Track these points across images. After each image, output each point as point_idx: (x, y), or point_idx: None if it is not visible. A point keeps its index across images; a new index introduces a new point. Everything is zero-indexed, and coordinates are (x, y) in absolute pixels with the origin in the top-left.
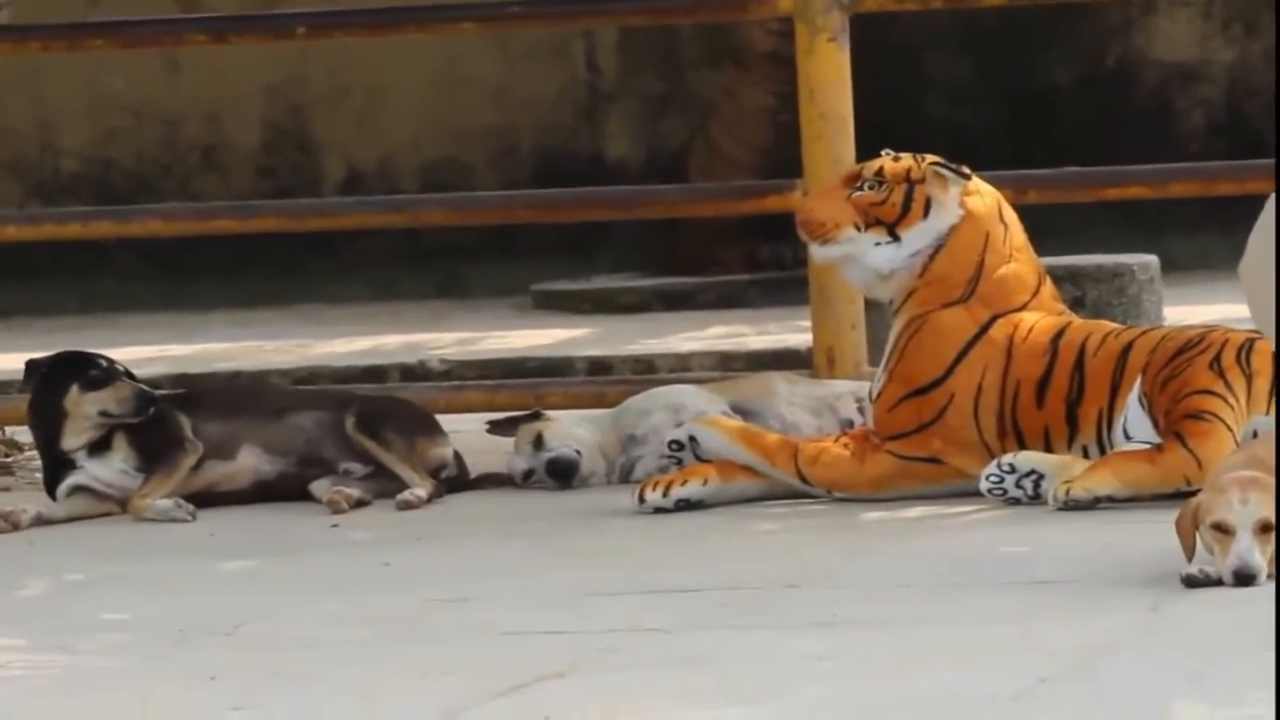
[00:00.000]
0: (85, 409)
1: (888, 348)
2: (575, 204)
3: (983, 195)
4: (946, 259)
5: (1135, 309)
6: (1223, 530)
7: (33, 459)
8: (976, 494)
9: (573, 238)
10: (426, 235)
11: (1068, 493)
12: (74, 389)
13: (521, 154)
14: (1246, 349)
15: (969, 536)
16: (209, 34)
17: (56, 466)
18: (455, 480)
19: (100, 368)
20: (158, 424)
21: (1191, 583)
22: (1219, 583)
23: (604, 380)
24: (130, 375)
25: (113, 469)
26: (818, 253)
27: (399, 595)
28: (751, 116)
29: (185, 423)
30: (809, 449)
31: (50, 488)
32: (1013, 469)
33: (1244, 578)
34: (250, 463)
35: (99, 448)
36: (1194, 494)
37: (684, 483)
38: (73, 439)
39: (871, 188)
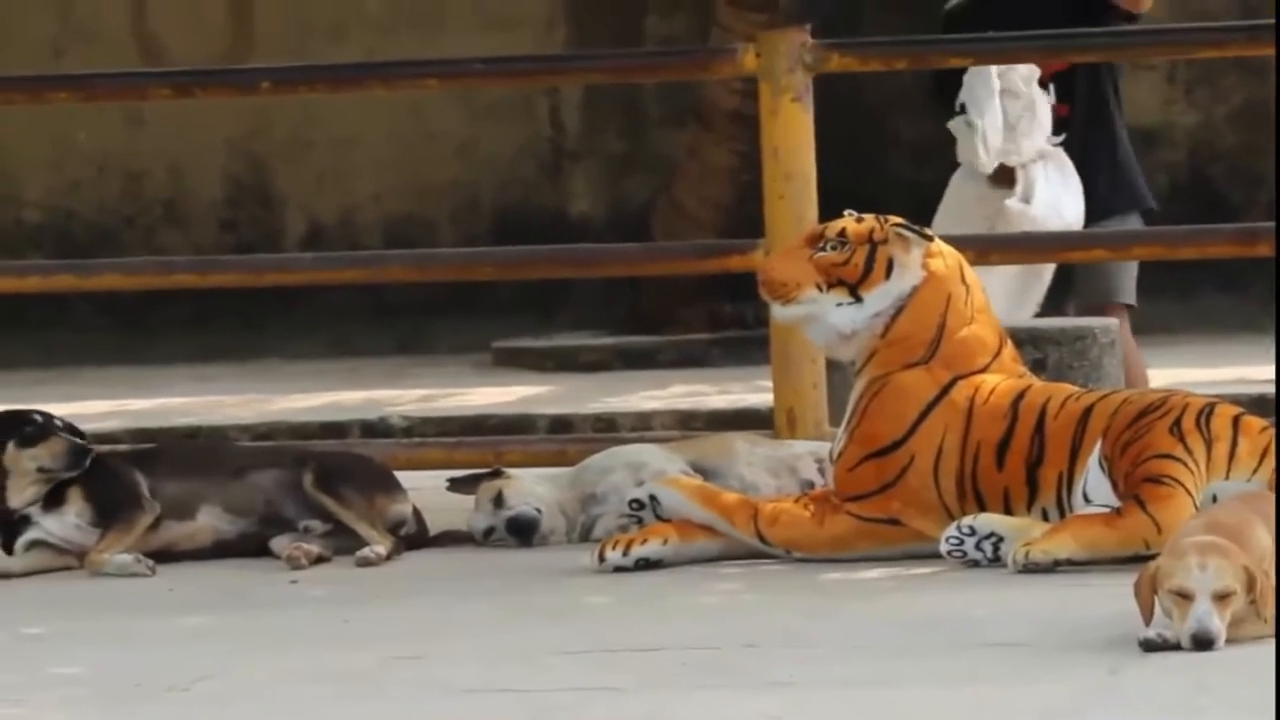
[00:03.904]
0: (24, 465)
1: (849, 408)
2: (538, 261)
3: (945, 257)
4: (908, 320)
5: (1096, 372)
6: (1181, 595)
7: None
8: (936, 556)
9: (534, 295)
10: (388, 291)
11: (1027, 555)
12: (10, 446)
13: (484, 210)
14: (1207, 413)
15: (928, 598)
16: (173, 88)
17: (8, 524)
18: (415, 537)
19: (35, 423)
20: (112, 479)
21: (1149, 647)
22: (1177, 647)
23: (564, 438)
24: (72, 429)
25: (67, 524)
26: (779, 313)
27: (358, 652)
28: (714, 175)
29: (142, 480)
30: (768, 509)
31: (5, 545)
32: (973, 531)
33: (1202, 642)
34: (210, 523)
35: (52, 503)
36: (1153, 558)
37: (644, 542)
38: (17, 496)
39: (834, 248)
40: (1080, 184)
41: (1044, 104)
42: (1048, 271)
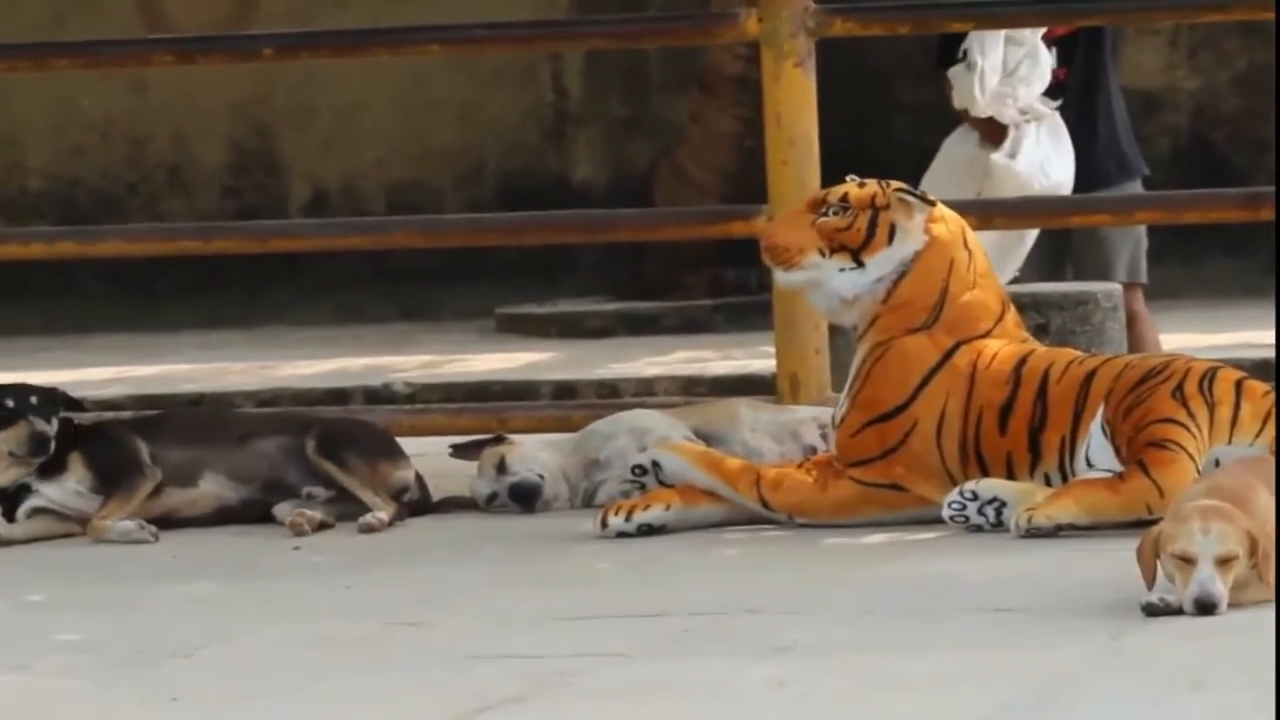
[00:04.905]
0: None
1: (851, 373)
2: (543, 227)
3: (947, 222)
4: (910, 285)
5: (1099, 337)
6: (1184, 559)
7: None
8: (938, 521)
9: (538, 261)
10: (392, 257)
11: (1030, 520)
12: None
13: (487, 176)
14: (1209, 378)
15: (930, 563)
16: (176, 54)
17: (6, 495)
18: (418, 503)
19: (6, 408)
20: (112, 445)
21: (1152, 611)
22: (1179, 611)
23: (568, 404)
24: (68, 402)
25: (67, 491)
26: (782, 278)
27: (360, 619)
28: (717, 141)
29: (143, 447)
30: (771, 474)
31: (7, 513)
32: (975, 496)
33: (1205, 606)
34: (212, 490)
35: (53, 470)
36: (1155, 522)
37: (647, 508)
38: (2, 475)
39: (836, 213)
40: (1071, 150)
41: (1046, 54)
42: (1030, 236)
